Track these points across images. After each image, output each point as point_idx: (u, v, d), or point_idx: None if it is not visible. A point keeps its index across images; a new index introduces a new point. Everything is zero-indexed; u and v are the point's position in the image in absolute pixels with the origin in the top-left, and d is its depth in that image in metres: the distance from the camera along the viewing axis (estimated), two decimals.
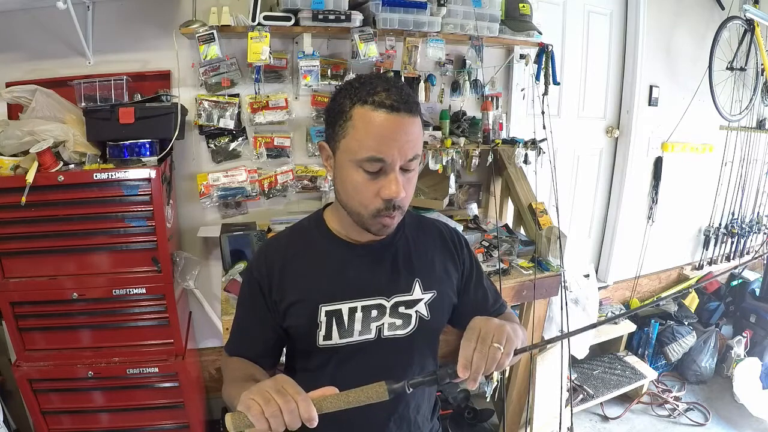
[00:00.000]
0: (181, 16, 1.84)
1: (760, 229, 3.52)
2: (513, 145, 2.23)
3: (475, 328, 0.77)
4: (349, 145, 0.81)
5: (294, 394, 0.68)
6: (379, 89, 0.80)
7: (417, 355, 0.98)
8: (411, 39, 2.01)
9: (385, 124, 0.79)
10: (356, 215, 0.86)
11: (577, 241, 2.98)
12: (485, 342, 0.75)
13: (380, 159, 0.79)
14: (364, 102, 0.80)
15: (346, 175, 0.84)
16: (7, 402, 1.86)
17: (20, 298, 1.63)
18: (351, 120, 0.81)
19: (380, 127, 0.79)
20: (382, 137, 0.79)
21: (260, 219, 2.08)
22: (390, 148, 0.79)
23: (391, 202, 0.82)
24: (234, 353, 0.98)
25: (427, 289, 0.96)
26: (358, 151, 0.80)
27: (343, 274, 0.92)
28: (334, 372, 0.93)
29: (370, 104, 0.79)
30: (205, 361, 2.27)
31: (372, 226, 0.86)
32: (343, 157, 0.83)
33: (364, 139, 0.79)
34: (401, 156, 0.80)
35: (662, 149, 3.08)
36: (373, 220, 0.85)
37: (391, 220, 0.86)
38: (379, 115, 0.79)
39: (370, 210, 0.84)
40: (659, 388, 2.85)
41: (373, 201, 0.83)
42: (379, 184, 0.82)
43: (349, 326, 0.91)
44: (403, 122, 0.80)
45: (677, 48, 2.96)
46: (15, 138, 1.53)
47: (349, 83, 0.85)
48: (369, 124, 0.79)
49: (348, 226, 0.93)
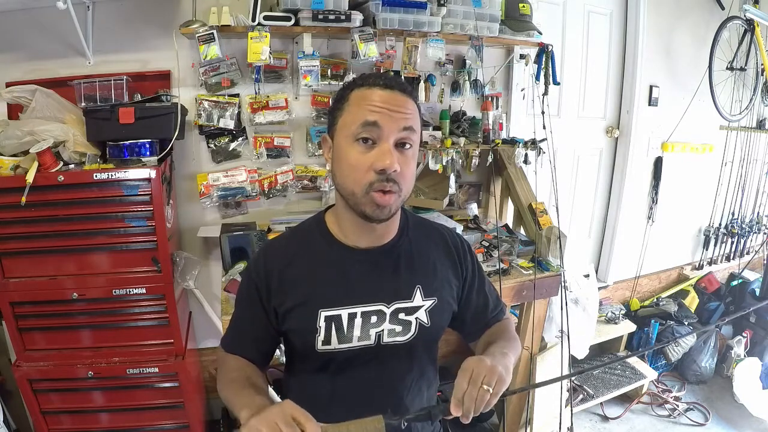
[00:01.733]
0: (181, 16, 1.84)
1: (760, 229, 3.52)
2: (513, 145, 2.23)
3: (467, 369, 0.79)
4: (345, 121, 0.85)
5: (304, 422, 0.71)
6: (375, 77, 0.87)
7: (416, 361, 0.97)
8: (411, 39, 2.01)
9: (378, 96, 0.83)
10: (351, 196, 0.84)
11: (577, 241, 2.98)
12: (476, 384, 0.76)
13: (374, 122, 0.81)
14: (361, 86, 0.86)
15: (342, 153, 0.85)
16: (7, 402, 1.86)
17: (20, 298, 1.63)
18: (347, 101, 0.86)
19: (374, 100, 0.83)
20: (376, 105, 0.82)
21: (260, 219, 2.08)
22: (383, 115, 0.82)
23: (384, 174, 0.81)
24: (230, 350, 0.99)
25: (428, 295, 0.95)
26: (353, 122, 0.83)
27: (344, 279, 0.92)
28: (333, 377, 0.93)
29: (367, 86, 0.85)
30: (205, 361, 2.27)
31: (366, 206, 0.83)
32: (340, 136, 0.86)
33: (358, 112, 0.83)
34: (395, 124, 0.82)
35: (662, 149, 3.08)
36: (366, 197, 0.82)
37: (384, 197, 0.82)
38: (375, 91, 0.84)
39: (363, 185, 0.82)
40: (659, 388, 2.85)
41: (366, 174, 0.82)
42: (373, 156, 0.82)
43: (348, 332, 0.90)
44: (397, 96, 0.84)
45: (677, 48, 2.96)
46: (15, 138, 1.53)
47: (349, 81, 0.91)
48: (364, 98, 0.84)
49: (348, 229, 0.92)
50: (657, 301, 3.19)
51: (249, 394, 0.84)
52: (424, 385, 1.01)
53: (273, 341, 0.99)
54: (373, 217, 0.84)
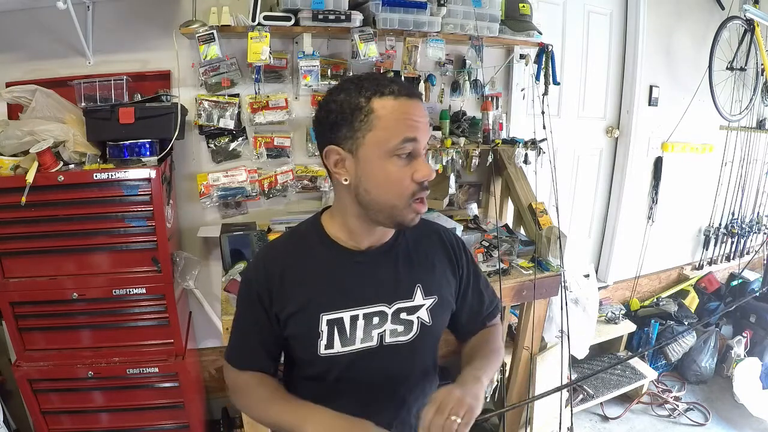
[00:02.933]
0: (181, 16, 1.84)
1: (760, 229, 3.52)
2: (513, 145, 2.23)
3: (435, 400, 0.81)
4: (378, 137, 0.81)
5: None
6: (386, 82, 0.83)
7: (418, 360, 0.97)
8: (411, 39, 2.01)
9: (409, 109, 0.82)
10: (389, 210, 0.84)
11: (577, 241, 2.98)
12: (443, 414, 0.78)
13: (413, 138, 0.81)
14: (381, 94, 0.81)
15: (378, 168, 0.82)
16: (7, 402, 1.86)
17: (20, 298, 1.63)
18: (374, 113, 0.80)
19: (406, 112, 0.81)
20: (410, 120, 0.81)
21: (260, 219, 2.07)
22: (418, 128, 0.82)
23: (423, 184, 0.84)
24: (239, 364, 0.97)
25: (429, 294, 0.95)
26: (390, 138, 0.80)
27: (344, 281, 0.91)
28: (336, 380, 0.92)
29: (389, 94, 0.81)
30: (205, 361, 2.27)
31: (407, 216, 0.85)
32: (372, 152, 0.82)
33: (395, 125, 0.80)
34: (425, 136, 0.84)
35: (662, 149, 3.08)
36: (408, 209, 0.84)
37: (423, 205, 0.86)
38: (402, 102, 0.81)
39: (405, 197, 0.83)
40: (659, 388, 2.85)
41: (408, 186, 0.83)
42: (411, 168, 0.83)
43: (351, 334, 0.90)
44: (419, 105, 0.84)
45: (677, 48, 2.96)
46: (15, 138, 1.53)
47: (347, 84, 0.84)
48: (395, 110, 0.81)
49: (352, 232, 0.91)
50: (657, 301, 3.19)
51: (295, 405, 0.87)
52: (427, 384, 1.01)
53: (279, 346, 0.97)
54: (409, 225, 0.87)
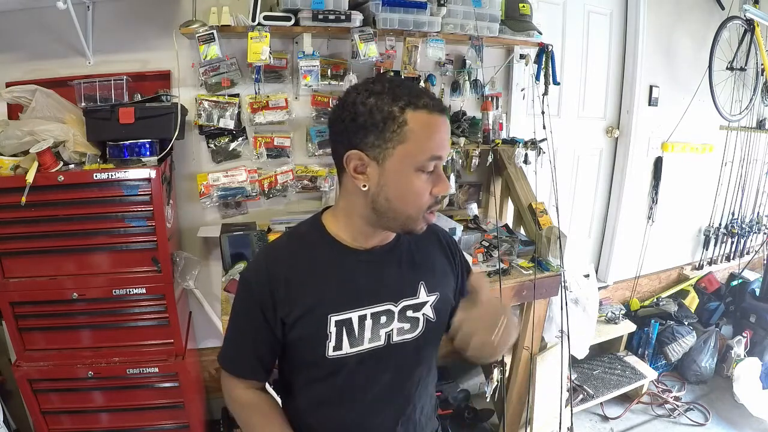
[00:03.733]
0: (181, 16, 1.84)
1: (760, 229, 3.52)
2: (513, 145, 2.23)
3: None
4: (409, 150, 0.81)
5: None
6: (418, 93, 0.83)
7: (424, 357, 0.98)
8: (411, 39, 2.01)
9: (440, 126, 0.84)
10: (404, 218, 0.86)
11: (577, 241, 2.98)
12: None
13: (439, 156, 0.84)
14: (416, 106, 0.81)
15: (405, 181, 0.83)
16: (7, 402, 1.86)
17: (20, 298, 1.63)
18: (407, 125, 0.80)
19: (437, 130, 0.84)
20: (440, 138, 0.84)
21: (260, 219, 2.07)
22: (444, 147, 0.85)
23: (438, 198, 0.87)
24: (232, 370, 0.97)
25: (432, 291, 0.95)
26: (421, 153, 0.82)
27: (351, 281, 0.91)
28: (344, 381, 0.92)
29: (423, 108, 0.81)
30: (205, 361, 2.27)
31: (418, 226, 0.88)
32: (402, 163, 0.82)
33: (426, 142, 0.82)
34: (447, 152, 0.88)
35: (662, 149, 3.08)
36: (421, 219, 0.87)
37: (434, 216, 0.90)
38: (435, 118, 0.83)
39: (422, 209, 0.86)
40: (659, 388, 2.85)
41: (427, 200, 0.86)
42: (431, 183, 0.85)
43: (360, 335, 0.89)
44: (447, 123, 0.87)
45: (677, 48, 2.96)
46: (15, 138, 1.53)
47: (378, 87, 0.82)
48: (428, 127, 0.82)
49: (356, 232, 0.91)
50: (657, 301, 3.19)
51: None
52: (430, 380, 1.02)
53: (274, 356, 0.97)
54: (418, 232, 0.90)
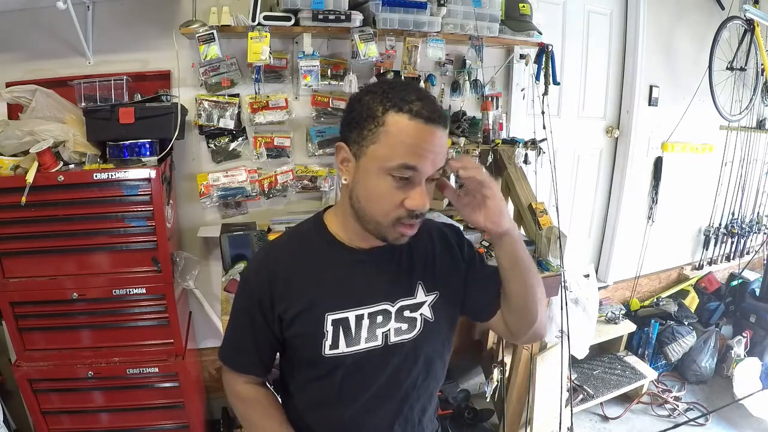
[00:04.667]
0: (181, 16, 1.84)
1: (760, 229, 3.52)
2: (513, 145, 2.23)
3: None
4: (379, 152, 0.79)
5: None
6: (413, 98, 0.79)
7: (422, 357, 0.97)
8: (411, 39, 2.01)
9: (420, 135, 0.78)
10: (374, 223, 0.84)
11: (577, 241, 2.98)
12: None
13: (413, 167, 0.78)
14: (400, 109, 0.78)
15: (371, 181, 0.81)
16: (7, 402, 1.86)
17: (20, 298, 1.63)
18: (384, 126, 0.78)
19: (415, 137, 0.78)
20: (417, 147, 0.78)
21: (260, 219, 2.07)
22: (423, 158, 0.78)
23: (414, 212, 0.82)
24: (231, 365, 0.99)
25: (430, 290, 0.95)
26: (390, 158, 0.78)
27: (348, 280, 0.91)
28: (341, 381, 0.92)
29: (407, 112, 0.78)
30: (205, 361, 2.27)
31: (389, 235, 0.84)
32: (371, 164, 0.81)
33: (398, 147, 0.78)
34: (433, 166, 0.80)
35: (662, 149, 3.08)
36: (391, 228, 0.83)
37: (411, 229, 0.85)
38: (416, 125, 0.78)
39: (390, 218, 0.82)
40: (659, 388, 2.85)
41: (395, 210, 0.81)
42: (404, 193, 0.80)
43: (356, 334, 0.90)
44: (437, 134, 0.79)
45: (677, 48, 2.96)
46: (15, 138, 1.53)
47: (379, 86, 0.83)
48: (404, 132, 0.78)
49: (352, 232, 0.91)
50: (657, 301, 3.19)
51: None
52: (431, 380, 1.01)
53: (274, 352, 0.99)
54: (394, 243, 0.86)
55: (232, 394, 1.00)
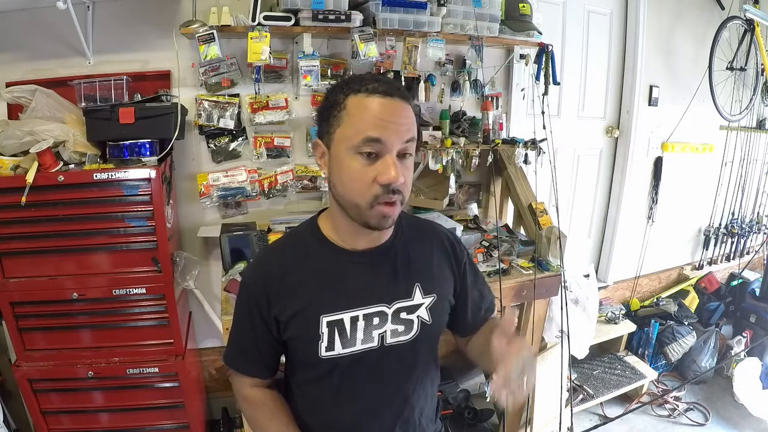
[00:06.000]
0: (181, 16, 1.84)
1: (760, 229, 3.52)
2: (513, 145, 2.23)
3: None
4: (345, 133, 0.81)
5: None
6: (369, 80, 0.83)
7: (420, 359, 0.97)
8: (411, 39, 2.01)
9: (380, 108, 0.80)
10: (354, 208, 0.84)
11: (577, 241, 2.98)
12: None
13: (377, 139, 0.79)
14: (357, 91, 0.81)
15: (343, 164, 0.82)
16: (7, 402, 1.86)
17: (20, 298, 1.63)
18: (345, 109, 0.82)
19: (375, 110, 0.80)
20: (378, 119, 0.80)
21: (260, 219, 2.07)
22: (386, 129, 0.80)
23: (389, 187, 0.81)
24: (236, 367, 1.00)
25: (428, 293, 0.95)
26: (355, 135, 0.80)
27: (343, 282, 0.91)
28: (338, 382, 0.92)
29: (364, 92, 0.81)
30: (205, 361, 2.27)
31: (371, 218, 0.83)
32: (339, 147, 0.82)
33: (360, 123, 0.80)
34: (398, 137, 0.81)
35: (662, 149, 3.08)
36: (371, 210, 0.82)
37: (391, 208, 0.83)
38: (374, 100, 0.80)
39: (367, 198, 0.81)
40: (659, 388, 2.85)
41: (370, 188, 0.81)
42: (376, 169, 0.80)
43: (352, 336, 0.90)
44: (398, 105, 0.81)
45: (677, 48, 2.96)
46: (15, 138, 1.53)
47: (342, 81, 0.87)
48: (364, 109, 0.80)
49: (343, 232, 0.91)
50: (657, 301, 3.19)
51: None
52: (428, 382, 1.01)
53: (277, 354, 0.99)
54: (378, 227, 0.85)
55: (240, 397, 1.01)
